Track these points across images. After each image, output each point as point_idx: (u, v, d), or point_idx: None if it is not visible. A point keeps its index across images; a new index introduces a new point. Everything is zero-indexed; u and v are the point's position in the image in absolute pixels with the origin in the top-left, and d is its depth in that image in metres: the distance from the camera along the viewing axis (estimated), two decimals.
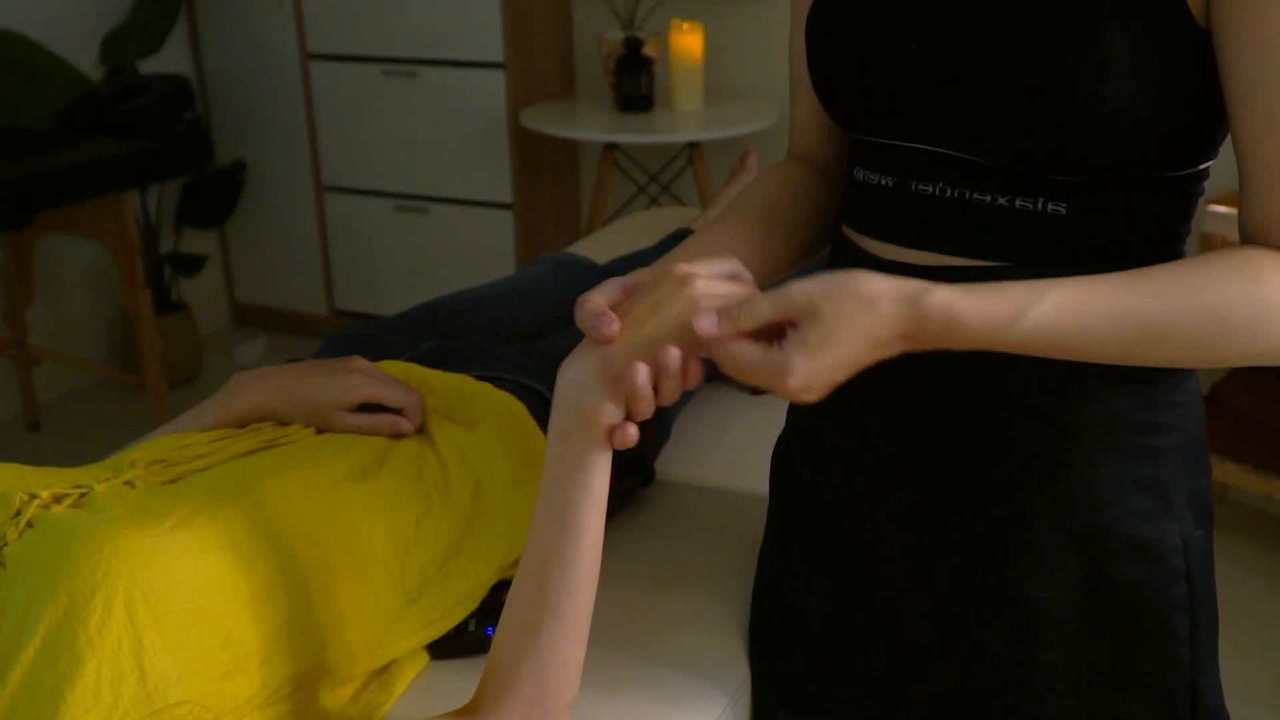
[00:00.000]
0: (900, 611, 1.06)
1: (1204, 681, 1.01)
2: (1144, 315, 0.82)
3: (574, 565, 0.94)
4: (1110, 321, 0.82)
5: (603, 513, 0.95)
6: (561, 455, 0.94)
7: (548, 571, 0.94)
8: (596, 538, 0.95)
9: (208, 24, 3.86)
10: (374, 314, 3.81)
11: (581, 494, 0.93)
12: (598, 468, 0.93)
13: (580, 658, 0.97)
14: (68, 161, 2.87)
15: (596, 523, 0.95)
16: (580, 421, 0.92)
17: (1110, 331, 0.82)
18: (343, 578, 1.07)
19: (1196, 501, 1.00)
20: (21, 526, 1.00)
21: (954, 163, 0.94)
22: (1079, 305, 0.82)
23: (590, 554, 0.95)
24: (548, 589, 0.94)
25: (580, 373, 0.92)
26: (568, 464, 0.93)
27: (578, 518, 0.94)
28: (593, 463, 0.93)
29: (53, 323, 3.55)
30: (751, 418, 1.69)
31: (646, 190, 3.56)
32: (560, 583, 0.94)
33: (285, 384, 1.24)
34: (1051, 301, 0.82)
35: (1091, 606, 0.98)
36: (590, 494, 0.94)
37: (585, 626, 0.96)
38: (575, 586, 0.94)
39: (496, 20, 3.37)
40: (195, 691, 0.93)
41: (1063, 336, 0.82)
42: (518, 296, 1.63)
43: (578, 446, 0.93)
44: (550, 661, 0.94)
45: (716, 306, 0.87)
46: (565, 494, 0.94)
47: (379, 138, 3.66)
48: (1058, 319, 0.82)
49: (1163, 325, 0.82)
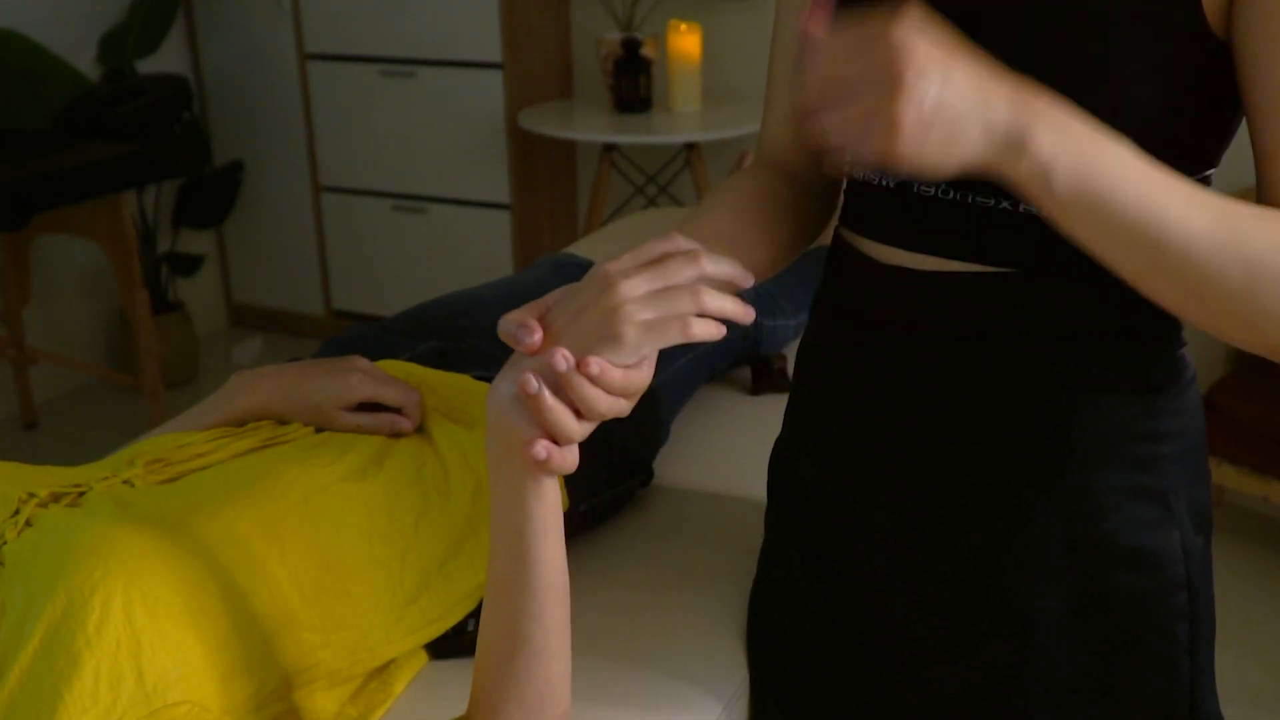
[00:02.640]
0: (897, 619, 1.06)
1: (1202, 689, 1.00)
2: (1236, 221, 0.76)
3: (533, 591, 0.90)
4: (1199, 206, 0.76)
5: (557, 537, 0.90)
6: (496, 484, 0.88)
7: (509, 598, 0.90)
8: (554, 562, 0.90)
9: (206, 24, 3.85)
10: (371, 314, 3.81)
11: (524, 522, 0.88)
12: (534, 496, 0.87)
13: (564, 671, 0.94)
14: (65, 163, 2.87)
15: (548, 548, 0.89)
16: (506, 447, 0.86)
17: (1195, 216, 0.76)
18: (342, 577, 1.07)
19: (1197, 509, 0.99)
20: (20, 525, 1.00)
21: None
22: (1174, 178, 0.77)
23: (549, 578, 0.90)
24: (512, 616, 0.91)
25: (500, 397, 0.86)
26: (503, 492, 0.88)
27: (525, 546, 0.88)
28: (527, 493, 0.87)
29: (50, 323, 3.55)
30: (751, 419, 1.69)
31: (644, 191, 3.56)
32: (523, 610, 0.90)
33: (285, 383, 1.24)
34: (1131, 154, 0.76)
35: (1091, 616, 0.97)
36: (533, 522, 0.88)
37: (563, 644, 0.93)
38: (539, 611, 0.90)
39: (495, 21, 3.37)
40: (194, 691, 0.93)
41: (1151, 184, 0.76)
42: (516, 299, 1.63)
43: (508, 477, 0.87)
44: (529, 682, 0.92)
45: (644, 317, 0.81)
46: (509, 523, 0.88)
47: (377, 138, 3.66)
48: (1155, 168, 0.76)
49: (1247, 244, 0.76)
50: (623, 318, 0.81)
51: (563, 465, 0.85)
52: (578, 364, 0.81)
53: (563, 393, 0.83)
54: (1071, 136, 0.75)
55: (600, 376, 0.82)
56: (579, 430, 0.84)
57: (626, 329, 0.81)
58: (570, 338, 0.83)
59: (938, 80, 0.71)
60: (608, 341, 0.82)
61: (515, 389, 0.84)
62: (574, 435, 0.84)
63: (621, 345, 0.82)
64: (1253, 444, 2.47)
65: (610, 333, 0.82)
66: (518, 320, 0.85)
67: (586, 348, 0.82)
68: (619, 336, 0.82)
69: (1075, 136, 0.75)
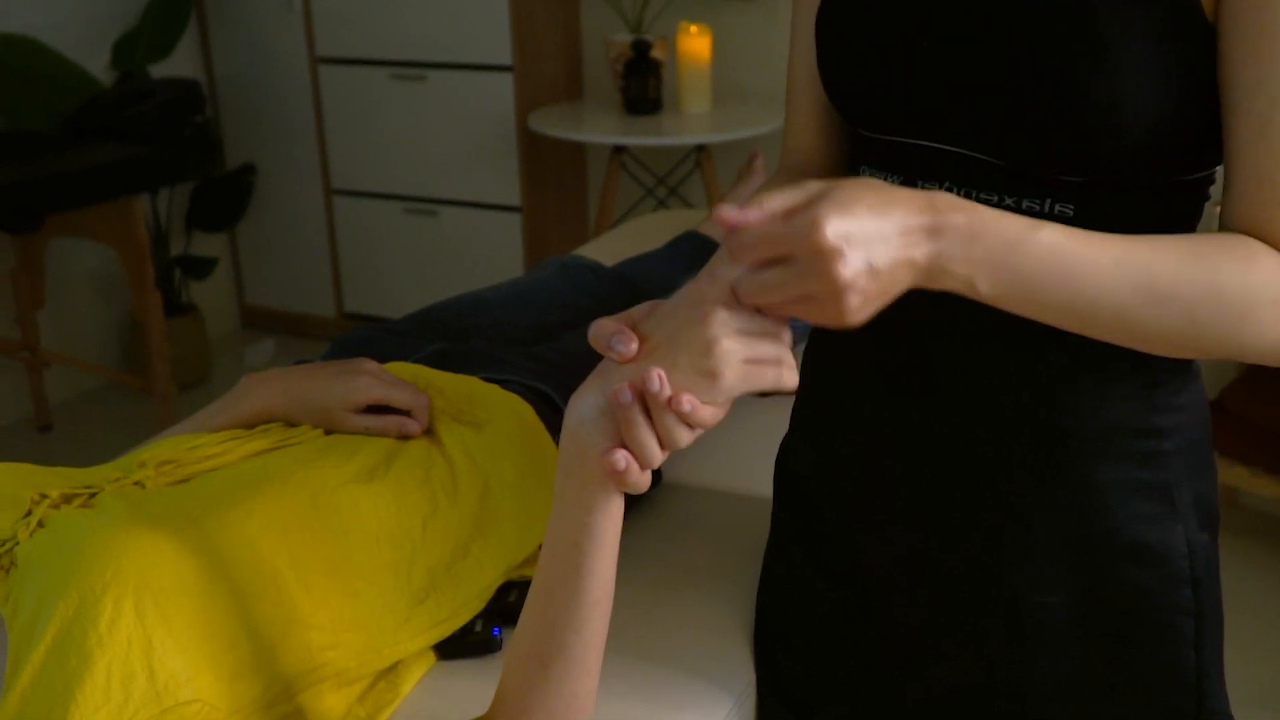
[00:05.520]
0: (899, 615, 1.06)
1: (1210, 686, 1.00)
2: (1151, 269, 0.79)
3: (579, 603, 0.90)
4: (1118, 265, 0.79)
5: (611, 553, 0.89)
6: (563, 494, 0.87)
7: (554, 608, 0.90)
8: (604, 577, 0.89)
9: (217, 28, 3.87)
10: (382, 316, 3.82)
11: (583, 535, 0.87)
12: (600, 509, 0.86)
13: (592, 687, 0.94)
14: (74, 166, 2.88)
15: (603, 563, 0.89)
16: (579, 460, 0.85)
17: (1117, 276, 0.79)
18: (350, 578, 1.07)
19: (1201, 504, 0.99)
20: (32, 526, 1.00)
21: (962, 161, 0.93)
22: (1090, 241, 0.79)
23: (597, 593, 0.89)
24: (554, 625, 0.91)
25: (584, 408, 0.85)
26: (568, 504, 0.87)
27: (580, 558, 0.88)
28: (594, 504, 0.86)
29: (63, 326, 3.57)
30: (760, 419, 1.69)
31: (654, 193, 3.57)
32: (566, 620, 0.90)
33: (294, 385, 1.24)
34: (1064, 230, 0.79)
35: (1093, 611, 0.98)
36: (593, 535, 0.87)
37: (596, 658, 0.93)
38: (581, 623, 0.90)
39: (504, 23, 3.38)
40: (204, 690, 0.94)
41: (1071, 267, 0.78)
42: (520, 300, 1.64)
43: (577, 486, 0.86)
44: (559, 693, 0.92)
45: (744, 358, 0.80)
46: (567, 533, 0.88)
47: (387, 141, 3.67)
48: (1069, 244, 0.78)
49: (1166, 285, 0.79)
50: (722, 357, 0.79)
51: (638, 483, 0.84)
52: (670, 400, 0.80)
53: (649, 413, 0.81)
54: (987, 246, 0.77)
55: (690, 415, 0.81)
56: (659, 457, 0.83)
57: (726, 371, 0.80)
58: (666, 361, 0.81)
59: (862, 250, 0.73)
60: (706, 378, 0.80)
61: (602, 400, 0.83)
62: (653, 460, 0.83)
63: (718, 386, 0.80)
64: (1266, 445, 2.47)
65: (709, 369, 0.80)
66: (613, 328, 0.83)
67: (684, 380, 0.80)
68: (717, 376, 0.80)
69: (989, 245, 0.77)
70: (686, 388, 0.80)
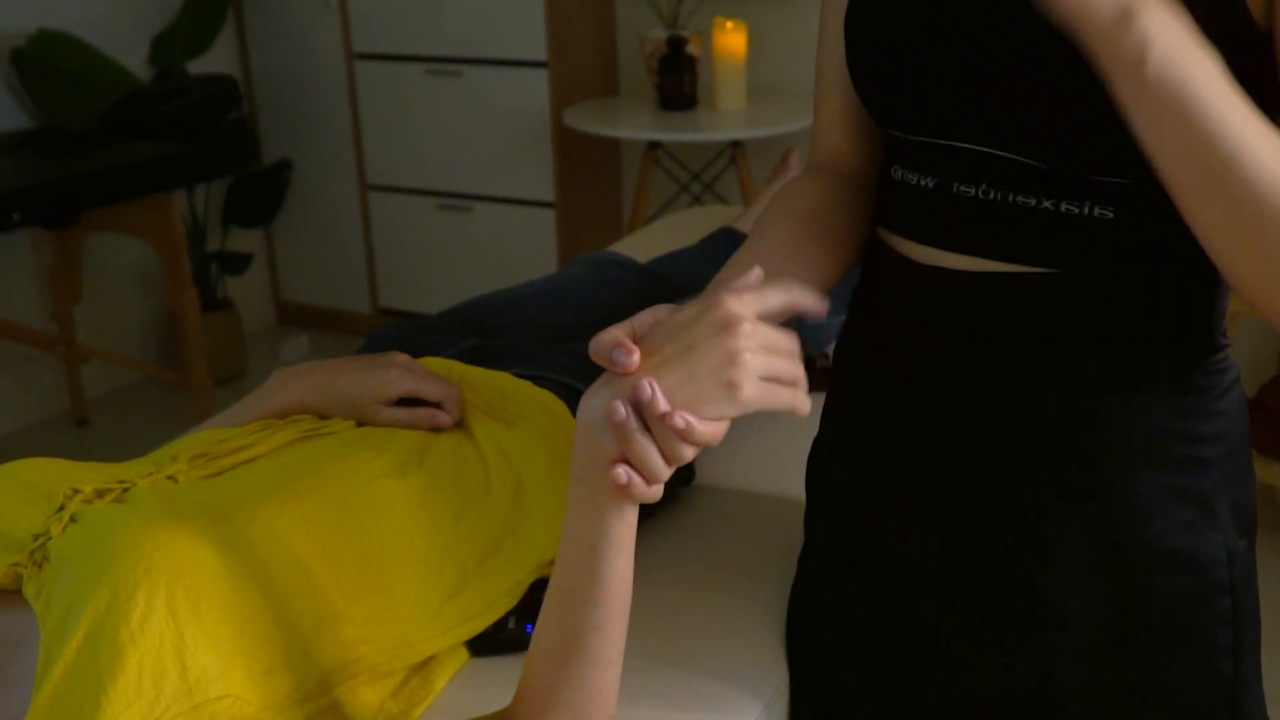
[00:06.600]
0: (928, 620, 1.04)
1: (1247, 694, 0.98)
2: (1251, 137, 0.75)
3: (597, 603, 0.89)
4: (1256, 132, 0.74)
5: (628, 553, 0.88)
6: (576, 498, 0.86)
7: (571, 608, 0.90)
8: (622, 577, 0.89)
9: (254, 25, 3.89)
10: (417, 312, 3.83)
11: (599, 538, 0.86)
12: (614, 514, 0.85)
13: (614, 679, 0.94)
14: (112, 162, 2.91)
15: (620, 563, 0.88)
16: (591, 466, 0.84)
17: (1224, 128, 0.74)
18: (383, 572, 1.07)
19: (1239, 511, 0.97)
20: (65, 521, 1.01)
21: (999, 163, 0.92)
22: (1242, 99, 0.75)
23: (614, 593, 0.89)
24: (573, 624, 0.90)
25: (593, 411, 0.83)
26: (583, 506, 0.86)
27: (597, 561, 0.87)
28: (607, 510, 0.85)
29: (100, 321, 3.59)
30: (792, 420, 1.68)
31: (689, 189, 3.56)
32: (585, 619, 0.89)
33: (325, 379, 1.25)
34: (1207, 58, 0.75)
35: (1129, 618, 0.96)
36: (608, 538, 0.86)
37: (617, 653, 0.92)
38: (600, 622, 0.89)
39: (539, 19, 3.38)
40: (236, 686, 0.93)
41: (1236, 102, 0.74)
42: (552, 298, 1.63)
43: (589, 490, 0.85)
44: (581, 688, 0.92)
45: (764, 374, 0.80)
46: (583, 537, 0.87)
47: (422, 137, 3.68)
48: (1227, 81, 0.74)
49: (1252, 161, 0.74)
50: (743, 369, 0.79)
51: (645, 495, 0.83)
52: (663, 416, 0.79)
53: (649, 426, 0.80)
54: (1177, 27, 0.74)
55: (686, 431, 0.80)
56: (664, 470, 0.82)
57: (746, 384, 0.79)
58: (681, 374, 0.80)
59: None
60: (726, 389, 0.79)
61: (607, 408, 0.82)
62: (658, 473, 0.82)
63: (736, 398, 0.79)
64: None
65: (731, 380, 0.79)
66: (613, 340, 0.82)
67: (701, 392, 0.79)
68: (738, 388, 0.79)
69: (1180, 29, 0.74)
70: (702, 399, 0.79)
